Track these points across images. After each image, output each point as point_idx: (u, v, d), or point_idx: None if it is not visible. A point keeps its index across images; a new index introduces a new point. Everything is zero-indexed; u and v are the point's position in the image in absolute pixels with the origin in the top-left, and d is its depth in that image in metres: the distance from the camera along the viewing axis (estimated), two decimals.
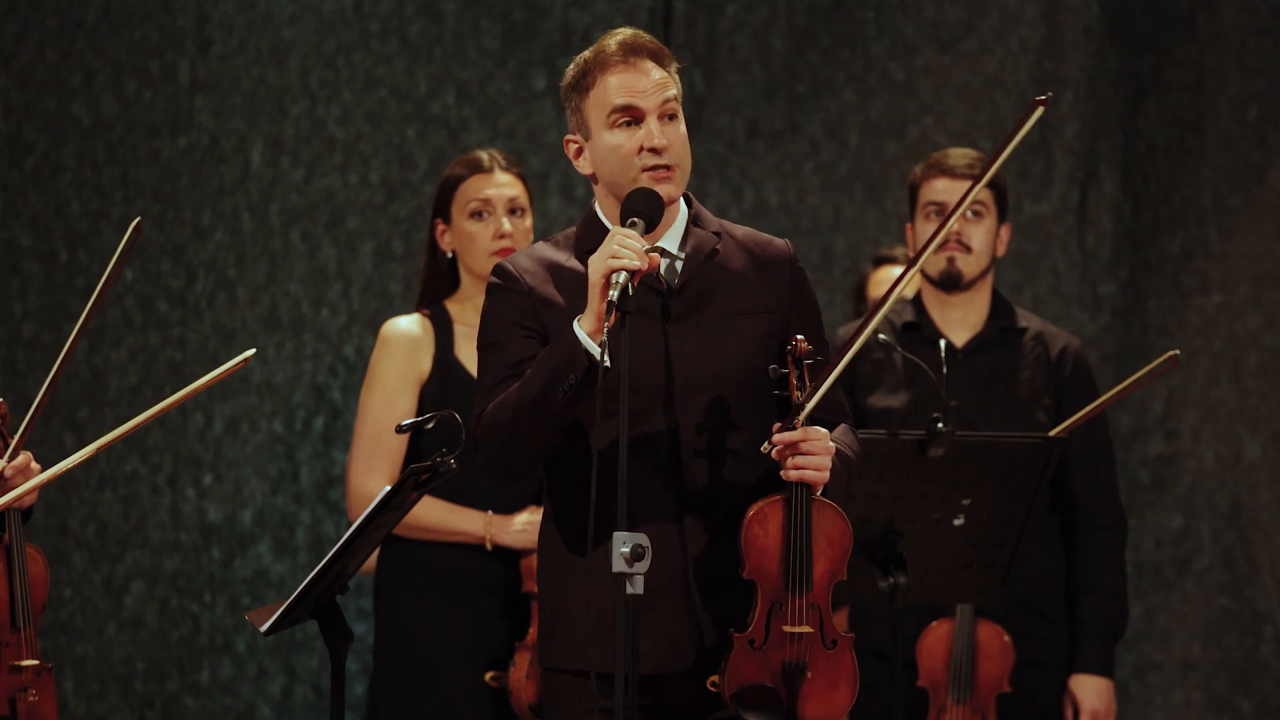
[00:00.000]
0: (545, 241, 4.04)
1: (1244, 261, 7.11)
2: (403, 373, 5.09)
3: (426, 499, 4.91)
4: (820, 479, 3.86)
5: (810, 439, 3.85)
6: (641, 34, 3.97)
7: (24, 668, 4.32)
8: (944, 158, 5.48)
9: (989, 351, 5.46)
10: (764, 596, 3.86)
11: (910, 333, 5.47)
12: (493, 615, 5.00)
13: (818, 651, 3.88)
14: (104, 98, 6.86)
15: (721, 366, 3.92)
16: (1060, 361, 5.44)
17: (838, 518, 3.92)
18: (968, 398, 5.39)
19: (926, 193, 5.46)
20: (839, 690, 3.90)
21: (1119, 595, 5.42)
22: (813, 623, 3.87)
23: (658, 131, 3.91)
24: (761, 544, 3.87)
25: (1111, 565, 5.42)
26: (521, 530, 4.98)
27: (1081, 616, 5.39)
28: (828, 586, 3.91)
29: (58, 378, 4.32)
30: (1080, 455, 5.40)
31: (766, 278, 4.01)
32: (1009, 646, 5.27)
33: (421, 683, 4.98)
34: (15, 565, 4.34)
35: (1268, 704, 7.03)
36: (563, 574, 3.94)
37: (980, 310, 5.49)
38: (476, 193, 5.17)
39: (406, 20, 7.03)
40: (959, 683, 5.25)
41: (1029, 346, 5.46)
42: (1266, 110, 7.10)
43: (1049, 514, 5.43)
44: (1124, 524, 5.49)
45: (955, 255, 5.42)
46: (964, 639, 5.24)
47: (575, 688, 3.91)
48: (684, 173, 3.96)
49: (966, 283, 5.44)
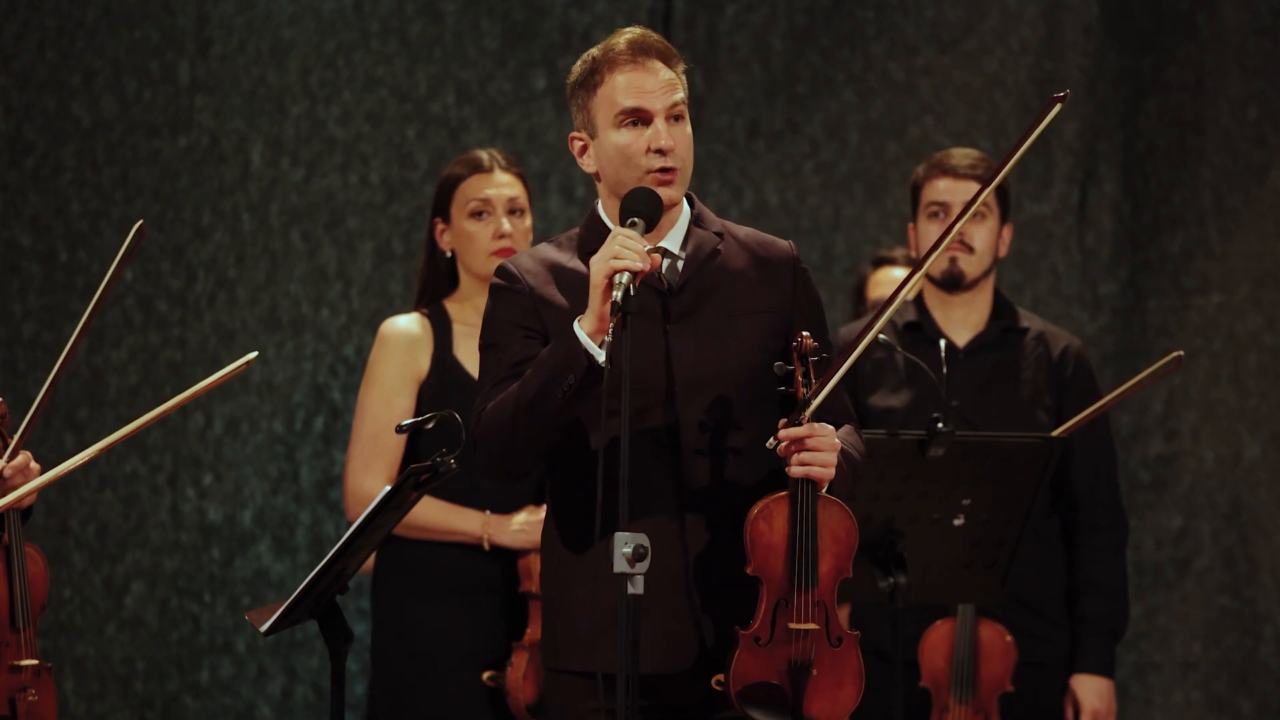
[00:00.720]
0: (548, 242, 4.04)
1: (1244, 261, 7.11)
2: (401, 372, 5.08)
3: (425, 499, 4.91)
4: (826, 475, 3.85)
5: (816, 435, 3.84)
6: (651, 33, 3.97)
7: (24, 667, 4.32)
8: (946, 158, 5.48)
9: (990, 352, 5.46)
10: (769, 594, 3.85)
11: (912, 332, 5.47)
12: (490, 615, 5.00)
13: (823, 649, 3.87)
14: (104, 98, 6.86)
15: (722, 366, 3.92)
16: (1061, 362, 5.43)
17: (843, 515, 3.91)
18: (968, 398, 5.39)
19: (929, 193, 5.46)
20: (845, 688, 3.89)
21: (1120, 595, 5.42)
22: (818, 620, 3.86)
23: (665, 133, 3.91)
24: (767, 541, 3.86)
25: (1112, 565, 5.42)
26: (519, 530, 4.98)
27: (1082, 616, 5.39)
28: (833, 584, 3.90)
29: (58, 379, 4.31)
30: (1081, 455, 5.40)
31: (768, 278, 4.01)
32: (1011, 646, 5.27)
33: (420, 682, 4.98)
34: (15, 565, 4.34)
35: (1268, 704, 7.03)
36: (565, 574, 3.94)
37: (982, 310, 5.49)
38: (476, 192, 5.17)
39: (406, 20, 7.03)
40: (961, 683, 5.25)
41: (1030, 347, 5.46)
42: (1266, 110, 7.10)
43: (1050, 514, 5.43)
44: (1125, 524, 5.49)
45: (958, 255, 5.42)
46: (966, 639, 5.24)
47: (578, 688, 3.91)
48: (686, 175, 3.96)
49: (969, 283, 5.44)
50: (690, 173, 3.97)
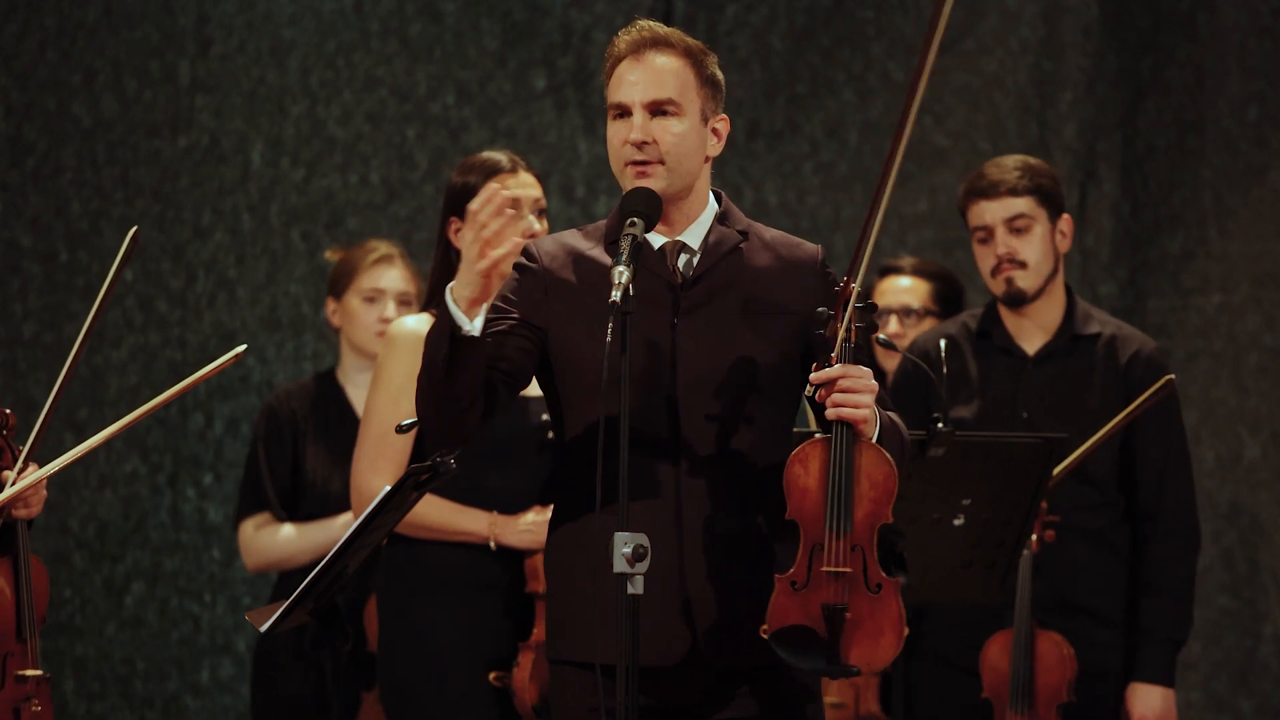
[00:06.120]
0: (577, 230, 4.08)
1: (1244, 261, 7.11)
2: (409, 372, 5.07)
3: (431, 499, 4.91)
4: (861, 416, 3.80)
5: (849, 375, 3.81)
6: (660, 28, 3.98)
7: (29, 678, 4.33)
8: (978, 180, 5.39)
9: (1060, 359, 5.38)
10: (805, 538, 3.81)
11: (983, 340, 5.43)
12: (496, 615, 5.00)
13: (860, 595, 3.82)
14: (104, 98, 6.86)
15: (729, 362, 3.92)
16: (1130, 366, 5.33)
17: (881, 459, 3.84)
18: (1037, 408, 5.34)
19: (972, 218, 5.39)
20: (885, 636, 3.82)
21: (1183, 602, 5.29)
22: (854, 565, 3.81)
23: (639, 126, 3.93)
24: (802, 484, 3.83)
25: (1176, 571, 5.29)
26: (526, 530, 4.97)
27: (1142, 622, 5.28)
28: (870, 529, 3.83)
29: (63, 389, 4.32)
30: (1148, 461, 5.30)
31: (790, 279, 4.01)
32: (1070, 658, 5.15)
33: (425, 682, 4.98)
34: (22, 575, 4.35)
35: (1268, 704, 7.03)
36: (567, 569, 3.95)
37: (1053, 316, 5.40)
38: None
39: (406, 20, 7.04)
40: (1018, 693, 5.18)
41: (1101, 353, 5.37)
42: (1266, 110, 7.10)
43: (1122, 522, 5.35)
44: (1195, 531, 5.34)
45: (1012, 275, 5.35)
46: (1021, 650, 5.18)
47: (580, 681, 3.92)
48: (674, 167, 3.95)
49: (1031, 297, 5.38)
50: (685, 165, 3.96)
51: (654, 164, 3.93)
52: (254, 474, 5.81)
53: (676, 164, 3.95)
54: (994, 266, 5.37)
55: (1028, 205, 5.35)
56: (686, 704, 3.94)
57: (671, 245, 3.97)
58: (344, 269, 5.92)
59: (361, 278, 5.88)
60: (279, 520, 5.76)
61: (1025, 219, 5.35)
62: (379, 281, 5.88)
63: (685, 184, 3.98)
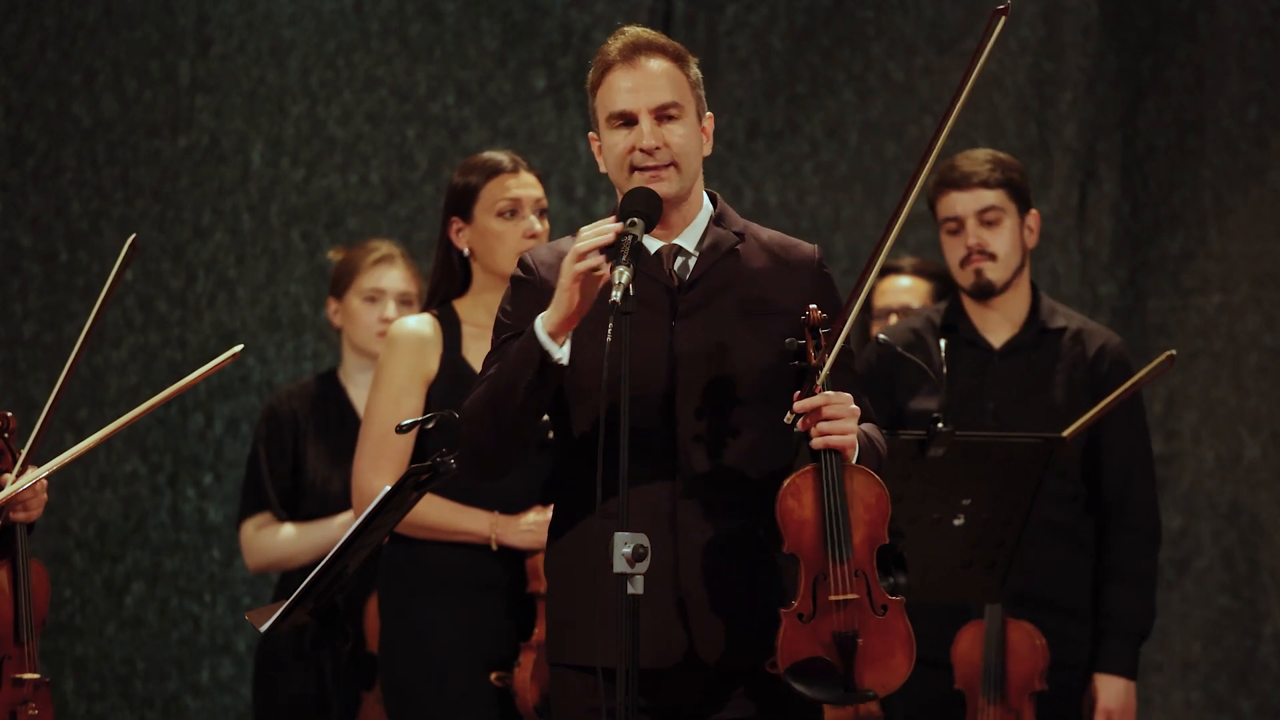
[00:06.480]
0: (572, 236, 4.06)
1: (1244, 261, 7.11)
2: (410, 373, 5.08)
3: (432, 498, 4.91)
4: (847, 442, 3.83)
5: (832, 403, 3.83)
6: (646, 32, 3.98)
7: (25, 681, 4.33)
8: (950, 170, 5.42)
9: (1026, 353, 5.40)
10: (807, 569, 3.82)
11: (948, 333, 5.44)
12: (498, 615, 5.00)
13: (869, 618, 3.84)
14: (104, 98, 6.86)
15: (727, 364, 3.92)
16: (1097, 360, 5.37)
17: (872, 482, 3.87)
18: (1004, 400, 5.36)
19: (942, 209, 5.42)
20: (896, 656, 3.85)
21: (1145, 595, 5.33)
22: (859, 590, 3.83)
23: (649, 132, 3.92)
24: (797, 517, 3.83)
25: (1140, 564, 5.33)
26: (528, 530, 4.98)
27: (1105, 614, 5.30)
28: (870, 552, 3.85)
29: (63, 389, 4.32)
30: (1112, 454, 5.31)
31: (787, 280, 4.01)
32: (1042, 647, 5.19)
33: (425, 682, 4.98)
34: (21, 579, 4.35)
35: (1268, 704, 7.03)
36: (567, 571, 3.95)
37: (1019, 310, 5.43)
38: (505, 192, 5.16)
39: (406, 20, 7.04)
40: (990, 683, 5.21)
41: (1067, 347, 5.40)
42: (1266, 110, 7.10)
43: (1085, 515, 5.37)
44: (1157, 525, 5.39)
45: (982, 266, 5.37)
46: (993, 640, 5.20)
47: (581, 683, 3.92)
48: (685, 170, 3.96)
49: (999, 289, 5.40)
50: (693, 168, 3.97)
51: (667, 168, 3.93)
52: (255, 474, 5.81)
53: (686, 165, 3.96)
54: (963, 257, 5.39)
55: (999, 198, 5.37)
56: (685, 705, 3.94)
57: (668, 249, 3.97)
58: (345, 269, 5.92)
59: (362, 278, 5.88)
60: (280, 520, 5.76)
61: (996, 211, 5.37)
62: (380, 281, 5.88)
63: (690, 185, 3.99)
